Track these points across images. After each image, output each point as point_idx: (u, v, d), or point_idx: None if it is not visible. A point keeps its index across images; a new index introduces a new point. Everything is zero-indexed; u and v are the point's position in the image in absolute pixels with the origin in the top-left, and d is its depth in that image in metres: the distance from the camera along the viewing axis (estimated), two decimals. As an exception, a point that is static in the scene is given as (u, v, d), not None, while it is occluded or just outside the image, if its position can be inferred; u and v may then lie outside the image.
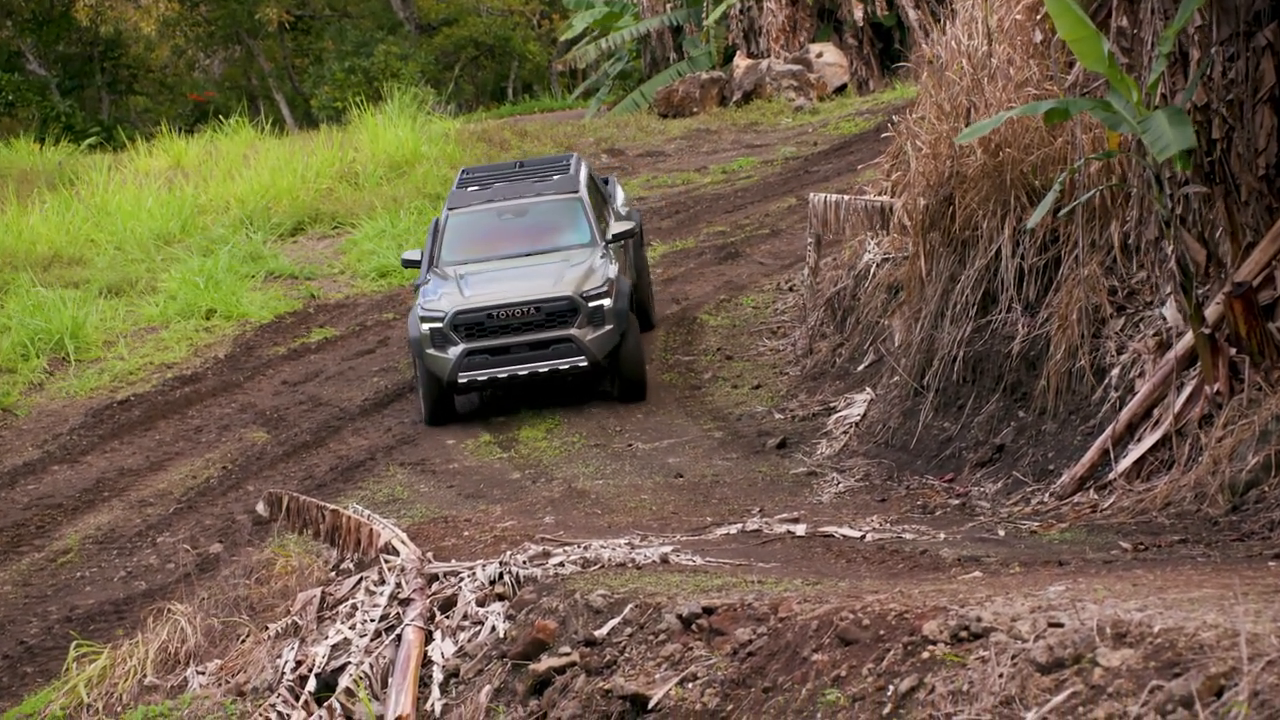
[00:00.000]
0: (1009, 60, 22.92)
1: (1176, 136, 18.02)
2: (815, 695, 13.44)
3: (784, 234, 32.88)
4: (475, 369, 24.29)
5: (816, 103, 40.56)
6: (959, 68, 23.68)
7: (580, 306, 24.05)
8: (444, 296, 24.50)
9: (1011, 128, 21.75)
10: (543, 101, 52.56)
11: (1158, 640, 11.36)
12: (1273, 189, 19.14)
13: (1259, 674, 9.74)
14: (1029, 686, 11.64)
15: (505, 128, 44.21)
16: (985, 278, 22.91)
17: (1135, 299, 21.02)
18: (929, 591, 14.58)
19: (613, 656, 15.55)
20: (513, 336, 24.08)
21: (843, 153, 36.31)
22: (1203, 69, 19.19)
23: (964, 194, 23.10)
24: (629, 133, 41.53)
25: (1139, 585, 13.92)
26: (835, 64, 41.29)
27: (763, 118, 40.58)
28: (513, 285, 24.40)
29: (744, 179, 36.58)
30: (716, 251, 32.24)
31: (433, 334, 24.26)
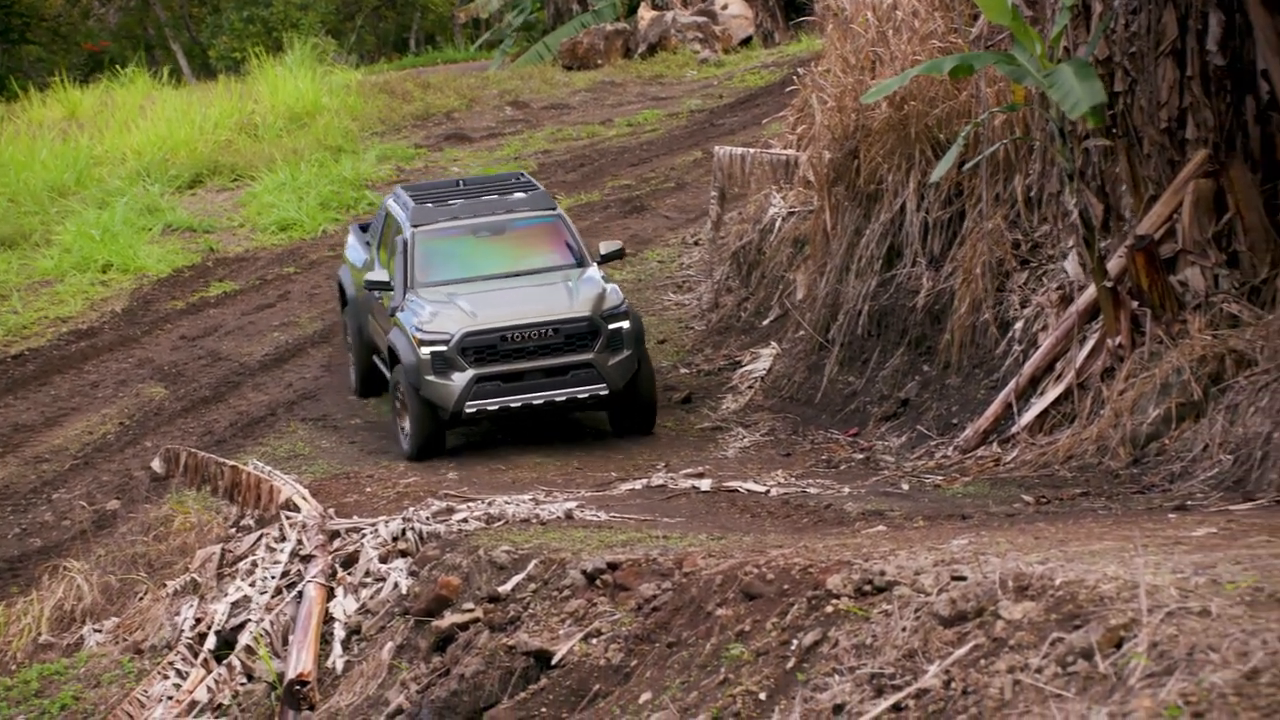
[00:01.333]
0: (914, 13, 23.00)
1: (1086, 92, 18.14)
2: (720, 650, 13.51)
3: (689, 188, 32.91)
4: (485, 397, 21.33)
5: (722, 55, 40.57)
6: (864, 20, 23.75)
7: (600, 329, 21.43)
8: (444, 318, 21.56)
9: (916, 81, 21.84)
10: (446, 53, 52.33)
11: (1059, 593, 11.47)
12: (1174, 142, 19.32)
13: (1158, 625, 9.85)
14: (932, 639, 11.73)
15: (408, 79, 44.01)
16: (890, 232, 23.01)
17: (1039, 252, 21.17)
18: (833, 546, 14.67)
19: (517, 612, 15.60)
20: (527, 361, 21.34)
21: (748, 106, 36.33)
22: (1105, 22, 19.34)
23: (869, 148, 23.19)
24: (533, 85, 41.46)
25: (1041, 538, 14.05)
26: (740, 16, 41.34)
27: (668, 70, 40.56)
28: (522, 306, 21.76)
29: (649, 132, 36.58)
30: (622, 205, 32.25)
31: (434, 359, 21.27)
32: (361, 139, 38.95)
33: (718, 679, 13.19)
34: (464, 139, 38.63)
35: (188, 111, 41.02)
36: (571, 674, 14.59)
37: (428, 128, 40.15)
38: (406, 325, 21.65)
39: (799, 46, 39.36)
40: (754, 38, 41.60)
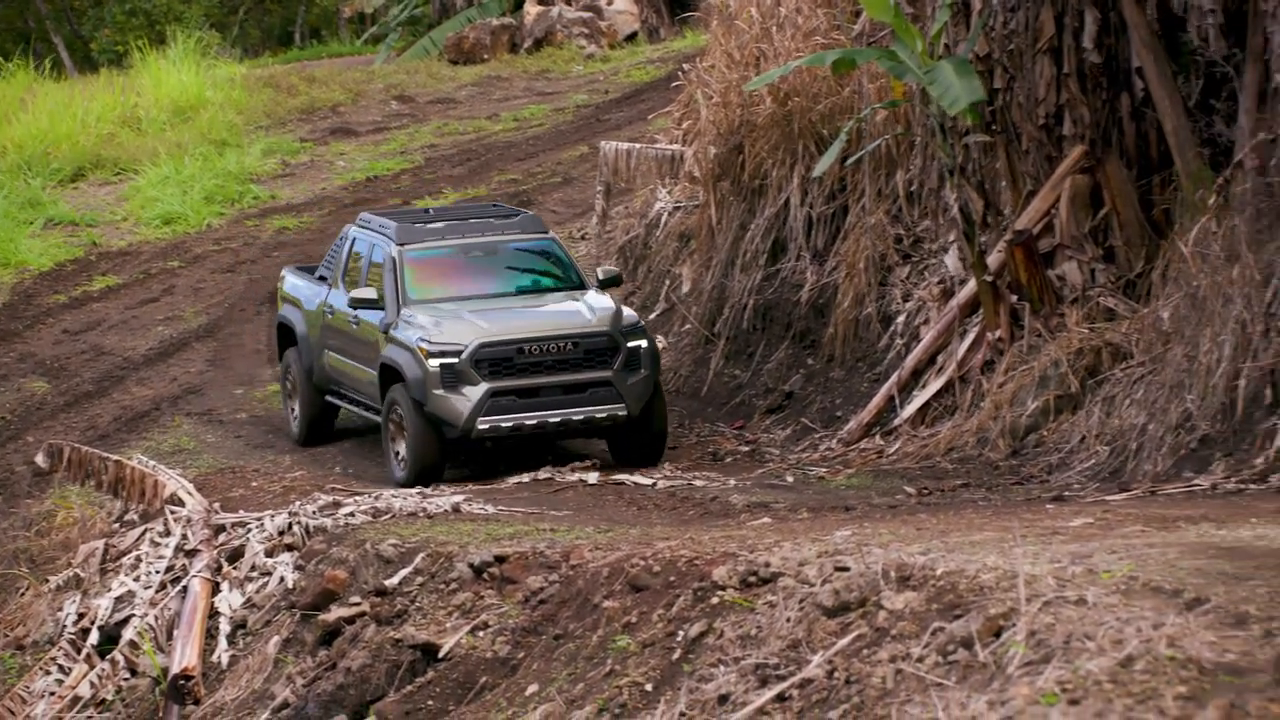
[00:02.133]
0: (797, 9, 23.11)
1: (965, 89, 18.31)
2: (606, 642, 13.56)
3: (576, 182, 32.90)
4: (500, 413, 19.47)
5: (608, 50, 40.60)
6: (748, 16, 23.84)
7: (619, 345, 19.74)
8: (454, 329, 19.77)
9: (800, 77, 21.96)
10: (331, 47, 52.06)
11: (940, 583, 11.57)
12: (1052, 138, 19.52)
13: (1036, 614, 9.96)
14: (816, 630, 11.81)
15: (292, 73, 43.77)
16: (775, 226, 23.11)
17: (920, 247, 21.33)
18: (719, 538, 14.74)
19: (404, 606, 15.59)
20: (544, 377, 19.58)
21: (634, 101, 36.36)
22: (984, 20, 19.51)
23: (754, 143, 23.28)
24: (419, 79, 41.32)
25: (923, 529, 14.18)
26: (626, 11, 41.38)
27: (554, 65, 40.53)
28: (536, 320, 20.16)
29: (535, 127, 36.54)
30: (509, 200, 32.18)
31: (444, 371, 19.37)
32: (246, 133, 38.71)
33: (604, 670, 13.24)
34: (350, 133, 38.50)
35: (70, 104, 40.64)
36: (458, 667, 14.60)
37: (313, 122, 39.96)
38: (407, 338, 19.81)
39: (684, 42, 39.45)
40: (639, 33, 41.66)
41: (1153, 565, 11.16)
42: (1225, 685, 8.23)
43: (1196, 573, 10.82)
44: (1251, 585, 10.32)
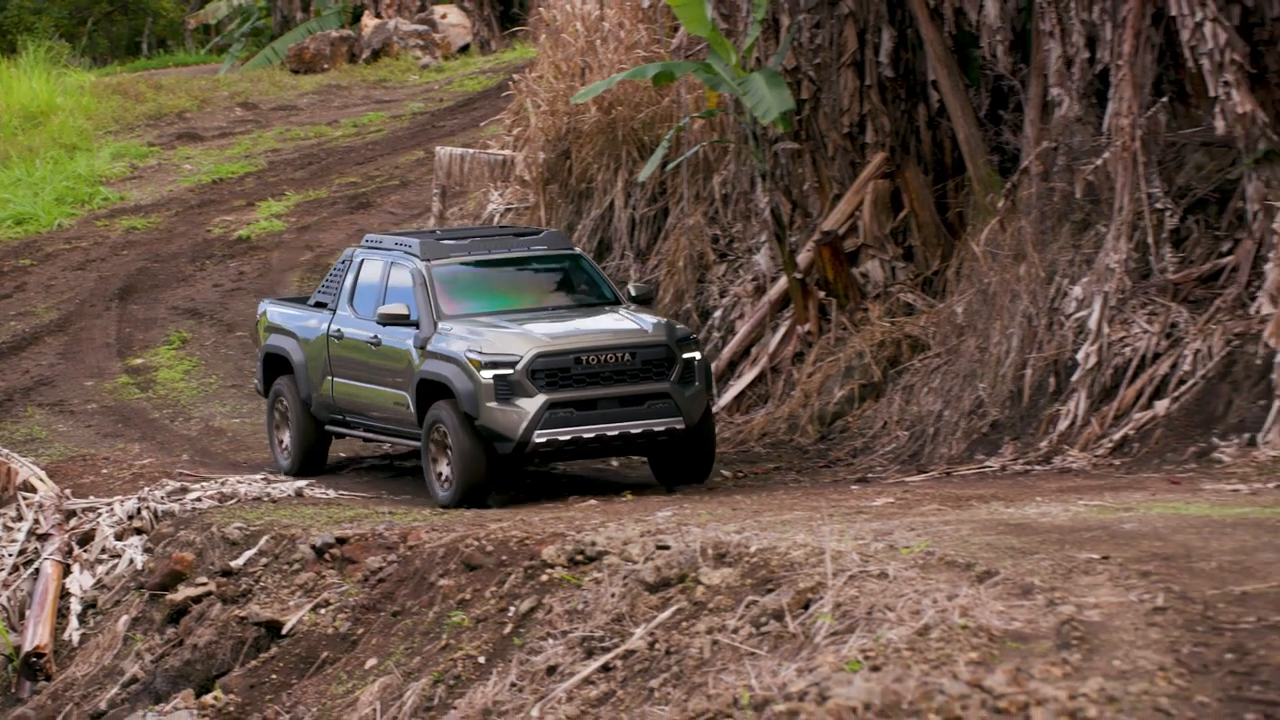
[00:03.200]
0: (620, 24, 23.18)
1: (776, 99, 18.47)
2: (441, 618, 13.56)
3: (413, 185, 32.71)
4: (557, 426, 17.13)
5: (442, 61, 40.41)
6: (574, 30, 23.88)
7: (676, 357, 17.43)
8: (505, 340, 17.39)
9: (623, 88, 22.02)
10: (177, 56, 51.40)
11: (754, 559, 11.68)
12: (855, 145, 19.73)
13: (842, 588, 10.07)
14: (638, 604, 11.88)
15: (140, 81, 43.17)
16: (600, 227, 23.15)
17: (735, 247, 21.45)
18: (548, 519, 14.79)
19: (248, 585, 15.50)
20: (602, 388, 17.32)
21: (467, 109, 36.22)
22: (792, 35, 19.68)
23: (580, 149, 23.32)
24: (262, 87, 40.93)
25: (738, 509, 14.29)
26: (459, 25, 41.24)
27: (391, 75, 40.28)
28: (588, 331, 17.84)
29: (374, 133, 36.32)
30: (349, 201, 31.97)
31: (498, 383, 17.04)
32: (96, 138, 38.15)
33: (440, 644, 13.24)
34: (196, 138, 38.06)
35: (-77, 110, 39.91)
36: (301, 642, 14.55)
37: (160, 127, 39.47)
38: (453, 351, 17.39)
39: (514, 54, 39.36)
40: (472, 45, 41.51)
41: (948, 541, 11.32)
42: (1012, 651, 8.36)
43: (987, 548, 10.99)
44: (1036, 559, 10.50)
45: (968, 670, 7.81)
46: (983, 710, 7.21)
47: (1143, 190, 16.36)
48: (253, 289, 28.55)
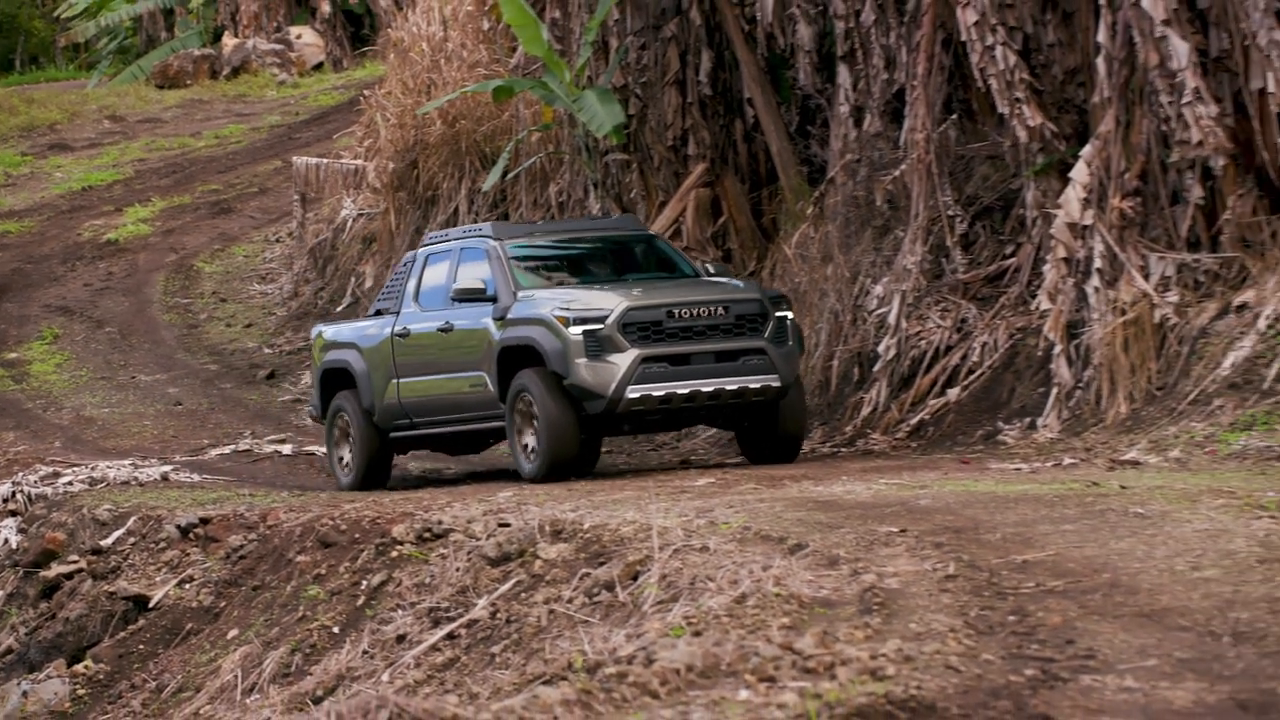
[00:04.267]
0: (462, 44, 23.16)
1: (607, 114, 18.55)
2: (299, 591, 13.48)
3: (271, 192, 32.47)
4: (650, 381, 15.21)
5: (297, 78, 40.09)
6: (420, 50, 23.83)
7: (769, 313, 15.45)
8: (593, 297, 15.58)
9: (466, 102, 22.00)
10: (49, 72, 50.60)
11: (587, 535, 11.71)
12: (679, 157, 19.83)
13: (667, 560, 10.11)
14: (481, 577, 11.87)
15: (13, 95, 42.48)
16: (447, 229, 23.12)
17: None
18: (398, 500, 14.74)
19: (117, 562, 15.33)
20: (696, 343, 15.35)
21: (322, 122, 35.99)
22: (620, 55, 19.74)
23: (426, 159, 23.29)
24: (129, 101, 40.43)
25: (573, 490, 14.31)
26: (313, 44, 40.93)
27: (250, 90, 39.94)
28: (679, 289, 15.96)
29: (234, 144, 36.00)
30: (211, 207, 31.69)
31: (588, 339, 15.13)
32: (-28, 148, 37.52)
33: (297, 616, 13.16)
34: (66, 148, 37.51)
35: None
36: (167, 615, 14.41)
37: (33, 138, 38.84)
38: (538, 312, 15.48)
39: (365, 71, 39.09)
40: (325, 63, 41.22)
41: (763, 517, 11.40)
42: (820, 616, 8.44)
43: (798, 523, 11.09)
44: (842, 532, 10.61)
45: (780, 634, 7.86)
46: (793, 670, 7.27)
47: (936, 199, 16.58)
48: (120, 288, 28.23)
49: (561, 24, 20.05)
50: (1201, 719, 6.41)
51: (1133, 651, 7.54)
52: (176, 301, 27.87)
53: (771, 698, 6.88)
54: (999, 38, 15.28)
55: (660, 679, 7.28)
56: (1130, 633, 7.87)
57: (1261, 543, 9.16)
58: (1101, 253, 14.65)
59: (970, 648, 7.64)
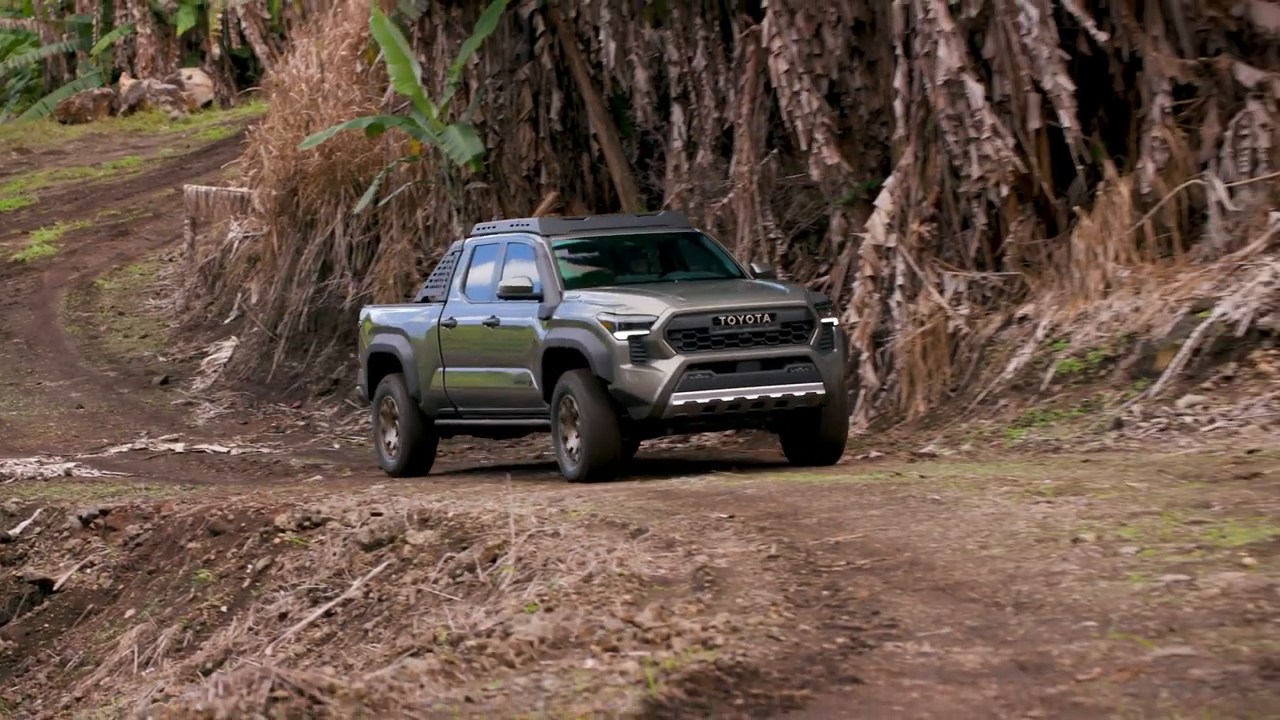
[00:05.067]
0: (338, 85, 22.98)
1: (469, 147, 18.49)
2: (190, 575, 13.30)
3: (165, 216, 32.02)
4: (695, 388, 13.51)
5: (189, 114, 39.52)
6: (300, 89, 23.61)
7: (815, 320, 13.75)
8: (638, 302, 13.77)
9: (341, 137, 21.81)
10: (-40, 109, 49.73)
11: (451, 522, 11.66)
12: (533, 185, 19.80)
13: (522, 545, 10.10)
14: (356, 561, 11.78)
15: (-73, 129, 41.67)
16: (323, 251, 22.93)
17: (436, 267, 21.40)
18: (281, 492, 14.58)
19: (25, 550, 15.03)
20: (741, 350, 13.64)
21: (211, 154, 35.53)
22: (480, 95, 19.68)
23: (306, 187, 23.08)
24: (34, 135, 39.67)
25: (438, 482, 14.25)
26: (202, 84, 40.39)
27: (146, 125, 39.34)
28: (725, 294, 14.16)
29: (131, 174, 35.44)
30: (110, 230, 31.18)
31: (633, 345, 13.45)
32: (-111, 177, 36.60)
33: (188, 597, 12.99)
34: (-23, 178, 36.75)
35: None
36: (70, 597, 14.16)
37: (-56, 170, 38.05)
38: (583, 315, 13.77)
39: (250, 109, 38.63)
40: (214, 101, 40.69)
41: (608, 506, 11.43)
42: (658, 592, 8.46)
43: (639, 510, 11.11)
44: (677, 519, 10.65)
45: (623, 609, 7.88)
46: (634, 641, 7.29)
47: (759, 223, 16.70)
48: (27, 303, 27.74)
49: (427, 67, 19.96)
50: (987, 679, 6.50)
51: (929, 621, 7.63)
52: (78, 315, 27.39)
53: (615, 666, 6.89)
54: (805, 85, 15.40)
55: (516, 650, 7.26)
56: (927, 604, 7.96)
57: (1039, 524, 9.31)
58: (903, 271, 14.83)
59: (789, 619, 7.68)
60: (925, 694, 6.33)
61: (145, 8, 40.90)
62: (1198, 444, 12.11)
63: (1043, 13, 13.74)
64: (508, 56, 19.51)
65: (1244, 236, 13.58)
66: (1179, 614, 7.17)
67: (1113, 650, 6.68)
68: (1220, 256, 13.59)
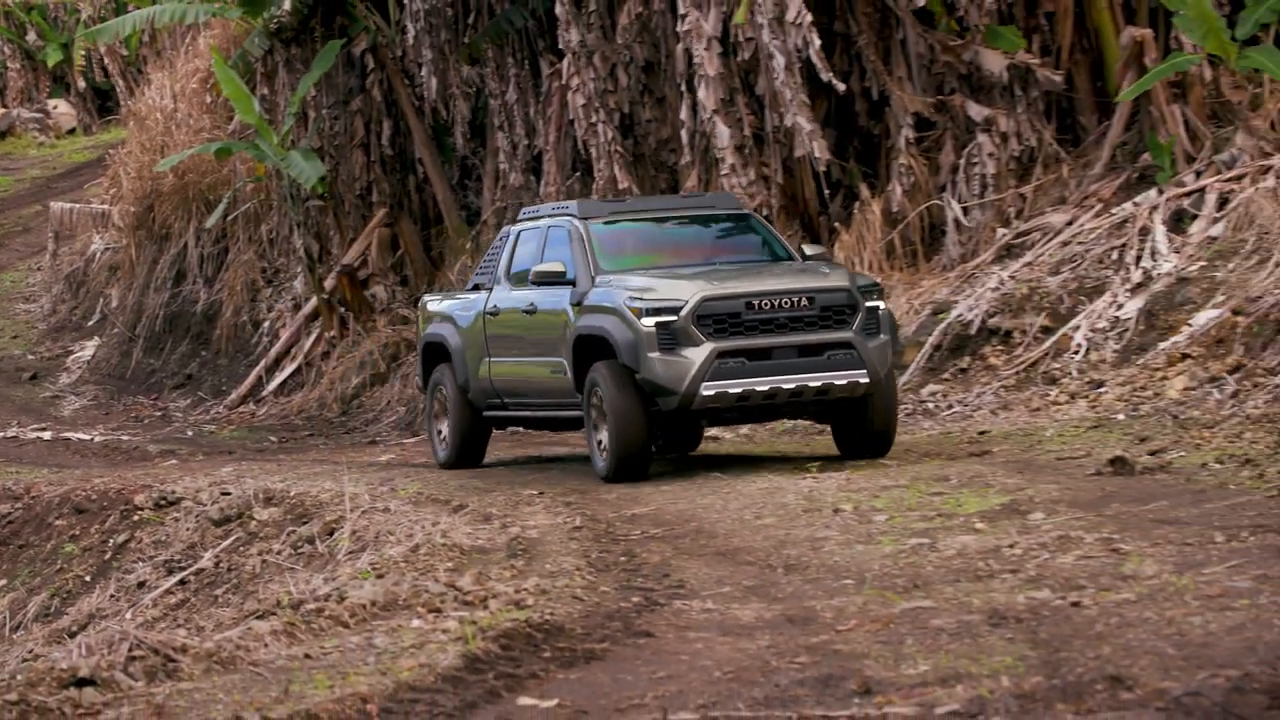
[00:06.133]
0: (189, 114, 22.54)
1: (311, 169, 18.20)
2: (57, 549, 12.89)
3: (34, 231, 31.06)
4: (727, 377, 11.00)
5: (55, 140, 38.35)
6: (155, 118, 23.10)
7: (858, 304, 11.23)
8: (667, 286, 11.22)
9: (193, 159, 21.35)
10: None
11: (293, 500, 11.46)
12: (365, 203, 19.54)
13: (357, 519, 9.96)
14: (207, 535, 11.53)
15: None
16: (177, 261, 22.47)
17: (279, 276, 21.06)
18: (140, 475, 14.21)
19: (-96, 532, 14.44)
20: (777, 336, 11.14)
21: (75, 175, 34.53)
22: (318, 124, 19.38)
23: (161, 204, 22.59)
24: (-85, 157, 38.33)
25: (282, 465, 13.98)
26: (67, 112, 39.23)
27: (15, 149, 38.11)
28: (761, 277, 11.53)
29: (2, 192, 34.34)
30: (-19, 240, 30.25)
31: (660, 331, 11.01)
32: None
33: (55, 568, 12.60)
34: None
35: None
36: (-59, 575, 13.65)
37: None
38: (611, 300, 11.22)
39: (110, 135, 37.59)
40: (78, 128, 39.55)
41: (433, 485, 11.32)
42: (477, 559, 8.40)
43: (460, 489, 11.02)
44: (494, 495, 10.58)
45: (445, 575, 7.80)
46: (455, 603, 7.22)
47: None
48: (-93, 308, 26.72)
49: (269, 99, 19.63)
50: (761, 630, 6.54)
51: (712, 581, 7.66)
52: (-49, 319, 26.43)
53: (438, 625, 6.82)
54: (601, 117, 15.40)
55: (350, 612, 7.16)
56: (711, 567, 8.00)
57: (806, 497, 9.41)
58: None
59: (591, 582, 7.67)
60: (708, 645, 6.35)
61: (15, 45, 39.84)
62: (938, 426, 12.36)
63: (789, 61, 13.84)
64: (342, 90, 19.25)
65: (975, 249, 13.90)
66: (922, 572, 7.28)
67: (867, 604, 6.76)
68: (956, 266, 13.89)
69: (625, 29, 15.20)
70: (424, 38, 17.50)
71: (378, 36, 18.68)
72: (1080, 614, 6.14)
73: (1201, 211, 12.30)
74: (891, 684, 5.40)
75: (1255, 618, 5.77)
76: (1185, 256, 11.91)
